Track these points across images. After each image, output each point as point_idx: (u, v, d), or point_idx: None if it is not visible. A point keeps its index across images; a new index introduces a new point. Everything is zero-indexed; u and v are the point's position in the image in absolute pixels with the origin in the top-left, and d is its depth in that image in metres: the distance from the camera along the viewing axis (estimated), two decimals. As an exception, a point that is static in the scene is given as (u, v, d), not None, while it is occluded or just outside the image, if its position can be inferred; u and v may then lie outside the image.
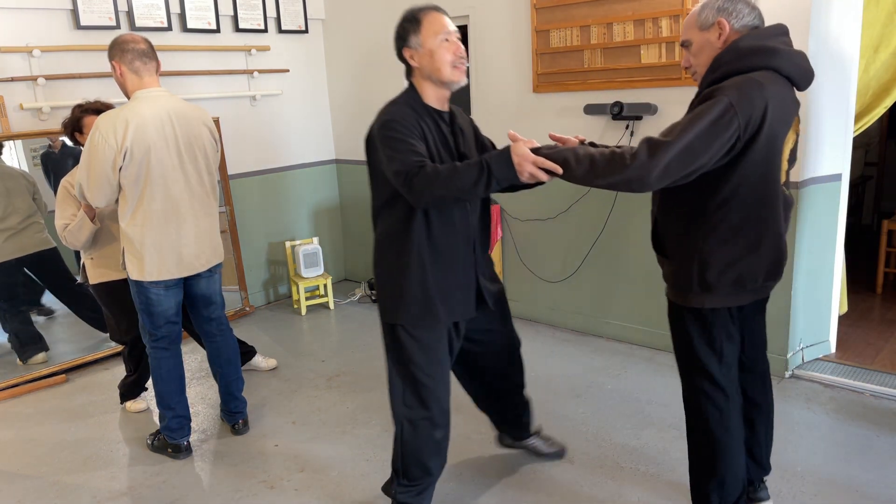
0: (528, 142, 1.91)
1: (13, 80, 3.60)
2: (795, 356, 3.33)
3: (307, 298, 4.72)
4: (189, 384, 3.37)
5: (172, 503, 2.59)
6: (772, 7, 2.86)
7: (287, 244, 4.78)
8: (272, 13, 4.61)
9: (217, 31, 4.34)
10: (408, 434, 2.23)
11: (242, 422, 3.08)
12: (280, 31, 4.69)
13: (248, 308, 4.75)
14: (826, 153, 3.19)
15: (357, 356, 3.86)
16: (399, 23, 2.07)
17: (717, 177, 1.85)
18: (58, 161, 3.91)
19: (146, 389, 3.38)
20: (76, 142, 3.06)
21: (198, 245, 2.77)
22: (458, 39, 2.06)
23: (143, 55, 2.61)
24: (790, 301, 3.20)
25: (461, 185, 1.88)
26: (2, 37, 3.55)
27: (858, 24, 3.14)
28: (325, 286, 4.73)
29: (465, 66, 2.07)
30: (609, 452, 2.75)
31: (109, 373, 3.79)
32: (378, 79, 4.70)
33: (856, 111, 3.34)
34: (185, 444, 2.91)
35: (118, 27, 3.88)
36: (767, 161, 1.85)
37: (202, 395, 3.47)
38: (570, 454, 2.74)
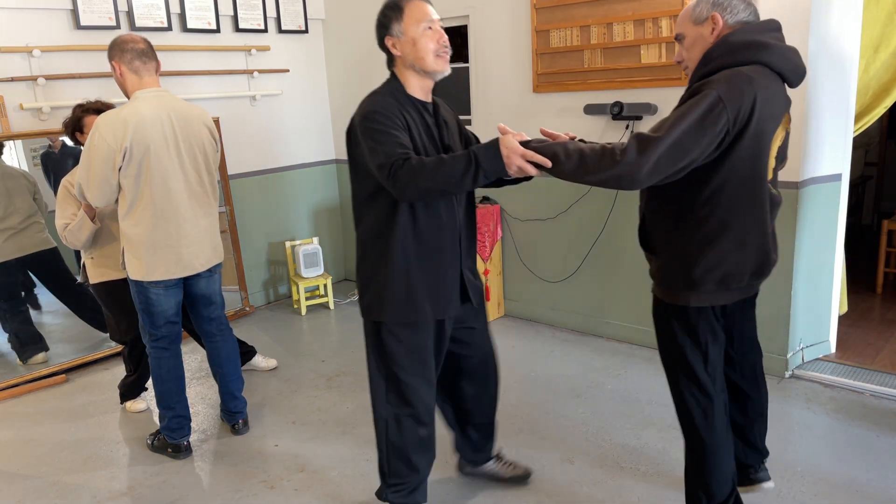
0: (518, 134, 1.86)
1: (13, 80, 3.60)
2: (795, 356, 3.33)
3: (307, 298, 4.72)
4: (189, 384, 3.36)
5: (172, 503, 2.59)
6: (771, 7, 2.85)
7: (287, 244, 4.78)
8: (272, 13, 4.61)
9: (217, 31, 4.34)
10: (392, 432, 2.18)
11: (242, 422, 3.08)
12: (280, 32, 4.69)
13: (248, 308, 4.75)
14: (826, 153, 3.19)
15: (357, 356, 3.86)
16: (381, 10, 2.00)
17: (705, 172, 1.83)
18: (58, 161, 3.92)
19: (146, 389, 3.38)
20: (77, 141, 3.06)
21: (198, 245, 2.76)
22: (442, 28, 1.99)
23: (143, 55, 2.61)
24: (790, 301, 3.20)
25: (448, 178, 1.82)
26: (2, 37, 3.55)
27: (858, 24, 3.14)
28: (325, 286, 4.74)
29: (449, 55, 2.01)
30: (609, 452, 2.75)
31: (109, 373, 3.79)
32: (378, 79, 4.60)
33: (856, 111, 3.34)
34: (185, 444, 2.91)
35: (118, 27, 3.88)
36: (755, 157, 1.83)
37: (202, 395, 3.47)
38: (571, 454, 2.74)
